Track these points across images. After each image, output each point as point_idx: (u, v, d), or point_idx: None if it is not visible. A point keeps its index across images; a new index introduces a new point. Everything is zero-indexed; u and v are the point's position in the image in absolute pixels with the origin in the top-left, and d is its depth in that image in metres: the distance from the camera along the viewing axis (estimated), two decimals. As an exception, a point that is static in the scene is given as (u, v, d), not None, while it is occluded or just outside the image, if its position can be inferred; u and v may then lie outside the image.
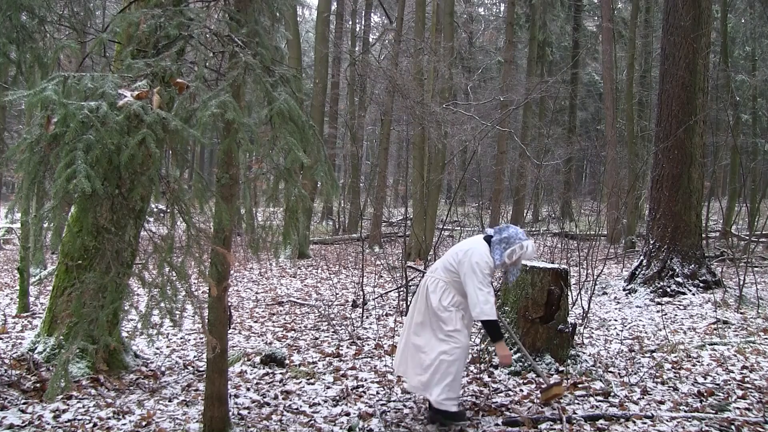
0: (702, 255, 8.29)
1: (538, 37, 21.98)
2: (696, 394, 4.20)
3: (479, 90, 22.75)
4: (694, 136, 8.17)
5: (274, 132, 2.72)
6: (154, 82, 2.71)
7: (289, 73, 2.97)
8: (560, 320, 4.78)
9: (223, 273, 3.19)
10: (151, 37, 2.95)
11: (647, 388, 4.33)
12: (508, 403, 4.04)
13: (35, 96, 2.38)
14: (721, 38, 16.44)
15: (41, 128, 2.44)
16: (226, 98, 2.58)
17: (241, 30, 2.95)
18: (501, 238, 3.60)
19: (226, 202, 2.99)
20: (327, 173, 2.96)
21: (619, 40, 22.52)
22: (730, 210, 15.41)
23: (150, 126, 2.45)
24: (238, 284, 9.91)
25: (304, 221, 13.08)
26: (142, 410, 3.89)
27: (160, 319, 2.81)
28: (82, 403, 3.99)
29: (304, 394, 4.32)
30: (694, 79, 8.19)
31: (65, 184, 2.29)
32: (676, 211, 8.12)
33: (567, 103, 25.76)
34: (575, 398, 4.13)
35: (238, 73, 2.73)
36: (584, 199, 25.55)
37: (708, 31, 8.54)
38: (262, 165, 2.89)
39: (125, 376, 4.61)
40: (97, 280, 2.75)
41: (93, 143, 2.37)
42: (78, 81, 2.51)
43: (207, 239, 2.90)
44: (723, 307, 7.13)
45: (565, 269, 4.89)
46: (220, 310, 3.30)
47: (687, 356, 5.18)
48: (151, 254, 2.82)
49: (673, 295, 7.80)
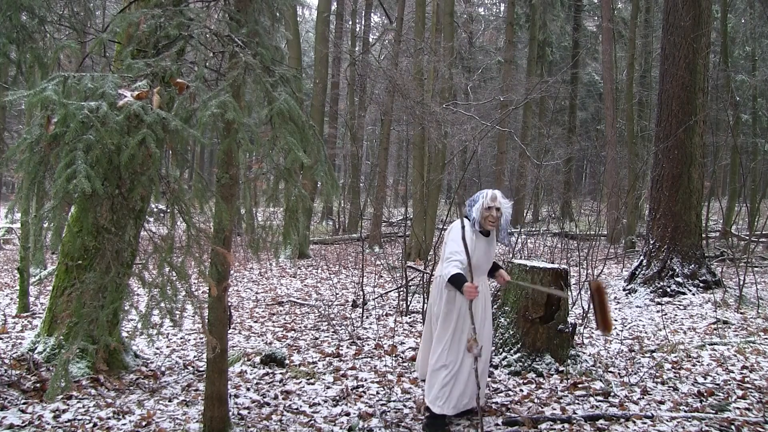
0: (702, 255, 8.28)
1: (538, 37, 22.00)
2: (696, 394, 4.20)
3: (479, 90, 22.75)
4: (694, 136, 8.17)
5: (274, 132, 2.72)
6: (154, 82, 2.70)
7: (289, 73, 2.97)
8: (560, 320, 4.78)
9: (223, 273, 3.19)
10: (151, 37, 2.95)
11: (647, 388, 4.33)
12: (509, 403, 4.04)
13: (35, 96, 2.38)
14: (721, 38, 16.43)
15: (41, 128, 2.44)
16: (226, 98, 2.58)
17: (241, 30, 2.95)
18: (469, 201, 3.88)
19: (226, 202, 2.99)
20: (327, 173, 2.96)
21: (619, 40, 22.53)
22: (730, 210, 15.42)
23: (150, 126, 2.45)
24: (238, 284, 9.91)
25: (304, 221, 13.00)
26: (142, 410, 3.89)
27: (160, 319, 2.81)
28: (82, 403, 3.99)
29: (304, 394, 4.32)
30: (694, 79, 8.19)
31: (65, 184, 2.29)
32: (676, 211, 8.12)
33: (567, 103, 25.76)
34: (575, 398, 4.13)
35: (238, 73, 2.73)
36: (584, 199, 25.54)
37: (708, 31, 8.54)
38: (262, 165, 2.89)
39: (125, 376, 4.61)
40: (97, 280, 2.74)
41: (93, 143, 2.37)
42: (78, 81, 2.51)
43: (207, 239, 2.90)
44: (723, 307, 7.13)
45: (565, 269, 4.88)
46: (220, 310, 3.30)
47: (687, 356, 5.18)
48: (151, 254, 2.82)
49: (673, 295, 7.80)
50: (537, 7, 21.68)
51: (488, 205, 3.76)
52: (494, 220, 3.76)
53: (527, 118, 20.98)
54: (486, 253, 3.81)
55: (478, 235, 3.78)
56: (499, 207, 3.76)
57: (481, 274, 3.84)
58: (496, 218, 3.76)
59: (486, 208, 3.75)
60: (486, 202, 3.77)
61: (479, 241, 3.77)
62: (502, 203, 3.78)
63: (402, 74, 13.35)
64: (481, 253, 3.77)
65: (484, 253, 3.80)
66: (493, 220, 3.76)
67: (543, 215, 21.38)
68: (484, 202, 3.76)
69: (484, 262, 3.82)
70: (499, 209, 3.76)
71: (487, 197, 3.77)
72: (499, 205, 3.76)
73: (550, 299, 4.73)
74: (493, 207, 3.75)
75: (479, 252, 3.75)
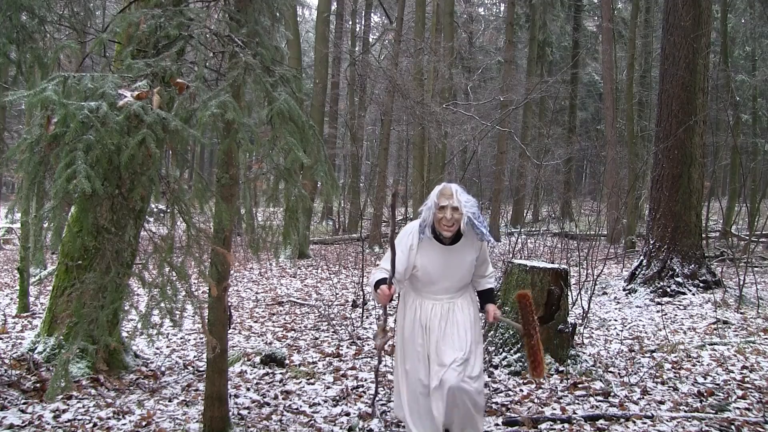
0: (702, 255, 8.29)
1: (538, 37, 22.00)
2: (696, 394, 4.20)
3: (479, 90, 22.75)
4: (694, 136, 8.17)
5: (274, 132, 2.72)
6: (154, 82, 2.70)
7: (290, 73, 2.97)
8: (560, 320, 4.78)
9: (223, 273, 3.19)
10: (151, 37, 2.95)
11: (647, 388, 4.33)
12: (508, 403, 4.04)
13: (35, 96, 2.38)
14: (721, 38, 16.44)
15: (41, 128, 2.44)
16: (226, 98, 2.58)
17: (241, 30, 2.95)
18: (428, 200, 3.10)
19: (226, 202, 2.99)
20: (327, 173, 2.96)
21: (619, 40, 22.53)
22: (730, 210, 15.42)
23: (150, 126, 2.45)
24: (238, 284, 9.91)
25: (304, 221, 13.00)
26: (142, 410, 3.89)
27: (160, 319, 2.81)
28: (82, 403, 3.99)
29: (304, 394, 4.32)
30: (694, 79, 8.19)
31: (65, 185, 2.29)
32: (676, 211, 8.12)
33: (567, 103, 25.77)
34: (575, 398, 4.13)
35: (238, 73, 2.73)
36: (584, 199, 25.56)
37: (708, 31, 8.54)
38: (262, 165, 2.89)
39: (125, 376, 4.61)
40: (97, 280, 2.74)
41: (93, 143, 2.37)
42: (78, 81, 2.51)
43: (207, 239, 2.90)
44: (723, 307, 7.13)
45: (565, 269, 4.89)
46: (220, 310, 3.30)
47: (687, 356, 5.18)
48: (151, 254, 2.81)
49: (673, 295, 7.80)
50: (537, 7, 21.67)
51: (441, 204, 2.91)
52: (450, 223, 2.92)
53: (527, 118, 20.99)
54: (447, 266, 3.02)
55: (429, 243, 3.00)
56: (456, 206, 2.89)
57: (443, 292, 3.10)
58: (452, 221, 2.91)
59: (438, 208, 2.92)
60: (437, 200, 2.93)
61: (431, 251, 3.01)
62: (461, 201, 2.90)
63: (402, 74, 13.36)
64: (435, 265, 3.02)
65: (441, 265, 3.02)
66: (448, 224, 2.92)
67: (543, 215, 21.39)
68: (435, 201, 2.93)
69: (443, 277, 3.06)
70: (456, 209, 2.90)
71: (437, 193, 2.95)
72: (456, 203, 2.89)
73: (549, 299, 4.73)
74: (448, 206, 2.90)
75: (431, 262, 3.02)
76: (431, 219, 2.96)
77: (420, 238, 3.01)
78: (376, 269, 3.04)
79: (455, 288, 3.11)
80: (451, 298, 3.11)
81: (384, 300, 2.81)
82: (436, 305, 3.10)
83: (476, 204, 3.01)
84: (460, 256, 3.05)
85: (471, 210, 2.93)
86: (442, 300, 3.10)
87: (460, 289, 3.14)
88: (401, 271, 2.98)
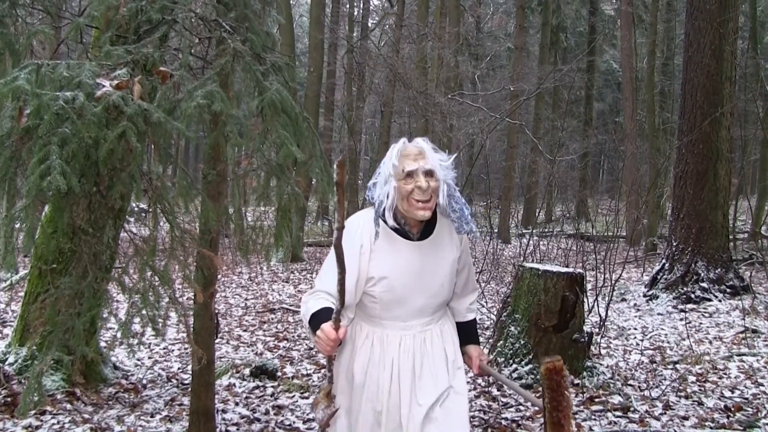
0: (729, 258, 8.29)
1: (551, 22, 22.03)
2: (723, 409, 4.20)
3: (487, 79, 22.78)
4: (721, 129, 8.17)
5: (265, 125, 2.72)
6: (135, 71, 2.71)
7: (282, 61, 2.97)
8: (575, 329, 4.78)
9: (210, 278, 3.19)
10: (132, 22, 2.96)
11: (670, 402, 4.34)
12: (519, 419, 4.05)
13: (6, 86, 2.38)
14: (750, 23, 16.45)
15: (12, 121, 2.44)
16: (213, 88, 2.58)
17: (229, 14, 2.96)
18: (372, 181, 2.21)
19: (213, 201, 3.00)
20: (322, 169, 2.96)
21: (639, 25, 22.54)
22: (760, 209, 15.42)
23: (130, 118, 2.45)
24: (226, 290, 9.92)
25: (298, 221, 13.08)
26: (121, 426, 3.90)
27: (142, 327, 2.81)
28: (56, 418, 3.99)
29: (297, 409, 4.33)
30: (721, 68, 8.19)
31: (38, 181, 2.29)
32: (700, 211, 8.13)
33: (583, 93, 25.78)
34: (592, 414, 4.14)
35: (226, 60, 2.74)
36: (601, 197, 25.59)
37: (736, 15, 8.55)
38: (252, 160, 2.89)
39: (103, 389, 4.61)
40: (73, 285, 2.75)
41: (69, 137, 2.37)
42: (53, 69, 2.51)
43: (192, 241, 2.91)
44: (752, 315, 7.13)
45: (581, 274, 4.89)
46: (207, 318, 3.31)
47: (713, 368, 5.19)
48: (132, 257, 2.82)
49: (698, 301, 7.81)
50: (550, -11, 21.71)
51: (408, 169, 2.03)
52: (426, 196, 2.04)
53: (539, 110, 21.03)
54: (419, 273, 2.12)
55: (389, 240, 2.11)
56: (431, 169, 2.04)
57: (415, 316, 2.18)
58: (429, 192, 2.04)
59: (406, 175, 2.03)
60: (398, 163, 2.04)
61: (394, 251, 2.11)
62: (433, 160, 2.06)
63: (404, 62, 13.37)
64: (402, 272, 2.12)
65: (411, 273, 2.12)
66: (423, 198, 2.03)
67: (557, 215, 21.40)
68: (399, 165, 2.04)
69: (414, 291, 2.14)
70: (431, 173, 2.05)
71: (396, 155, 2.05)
72: (429, 165, 2.04)
73: (564, 306, 4.73)
74: (418, 170, 2.03)
75: (394, 269, 2.11)
76: (393, 197, 2.05)
77: (376, 234, 2.08)
78: (310, 295, 2.15)
79: (431, 308, 2.21)
80: (426, 324, 2.21)
81: (328, 347, 1.94)
82: (406, 337, 2.18)
83: (454, 168, 2.15)
84: (435, 256, 2.16)
85: (449, 176, 2.11)
86: (413, 328, 2.19)
87: (438, 310, 2.25)
88: (351, 291, 2.06)
